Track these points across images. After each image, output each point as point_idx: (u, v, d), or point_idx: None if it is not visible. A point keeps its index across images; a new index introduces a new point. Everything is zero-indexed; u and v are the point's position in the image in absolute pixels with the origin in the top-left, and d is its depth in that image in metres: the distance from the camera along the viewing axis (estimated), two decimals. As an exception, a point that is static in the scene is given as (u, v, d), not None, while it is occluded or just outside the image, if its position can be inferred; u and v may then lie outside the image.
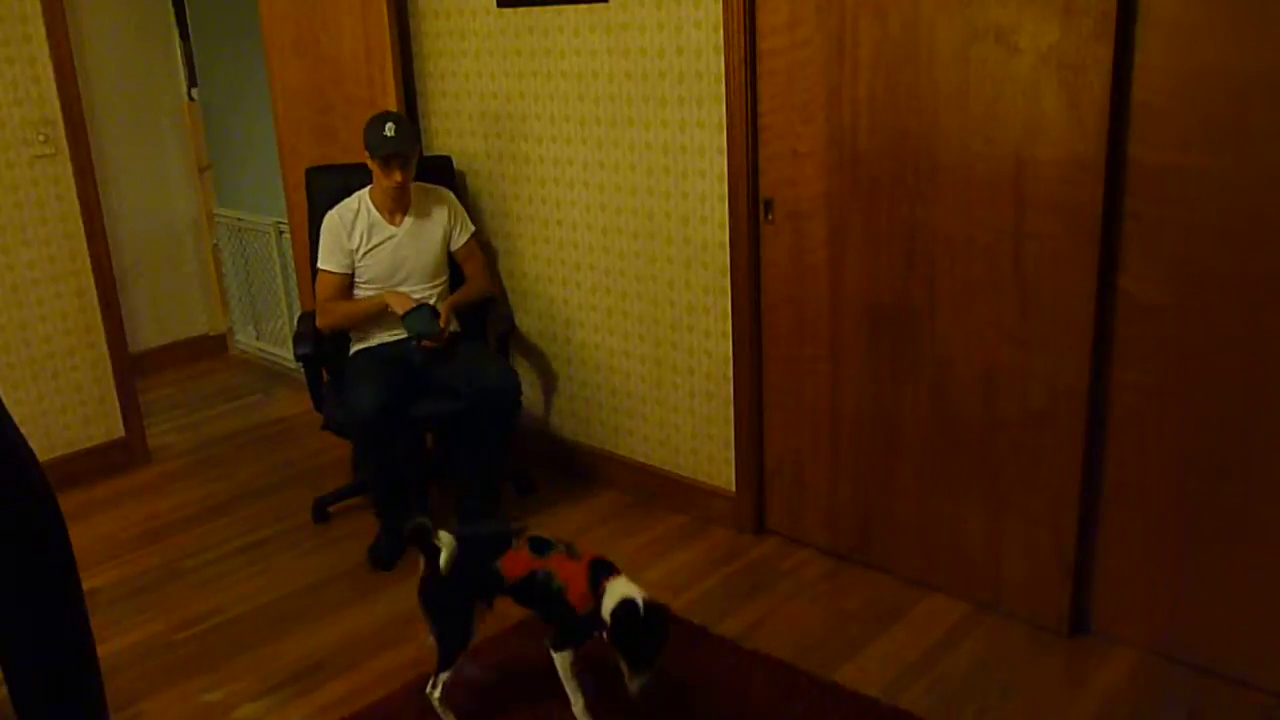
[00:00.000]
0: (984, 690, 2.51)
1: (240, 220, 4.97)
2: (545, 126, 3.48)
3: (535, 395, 3.82)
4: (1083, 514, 2.62)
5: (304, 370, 3.37)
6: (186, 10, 4.93)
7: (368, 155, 3.22)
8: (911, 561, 2.96)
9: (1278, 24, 2.14)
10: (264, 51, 4.02)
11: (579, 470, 3.74)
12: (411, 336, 3.22)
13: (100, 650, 2.20)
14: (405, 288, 3.33)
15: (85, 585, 2.16)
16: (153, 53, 4.92)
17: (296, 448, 4.14)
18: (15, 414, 2.09)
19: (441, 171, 3.64)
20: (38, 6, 3.56)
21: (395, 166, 3.20)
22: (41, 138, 3.64)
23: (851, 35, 2.70)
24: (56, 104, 3.65)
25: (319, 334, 3.38)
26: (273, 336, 5.02)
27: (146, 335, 5.03)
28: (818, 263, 2.93)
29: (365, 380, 3.13)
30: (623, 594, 2.19)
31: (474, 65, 3.63)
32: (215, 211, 5.13)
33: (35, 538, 2.02)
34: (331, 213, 3.33)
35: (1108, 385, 2.53)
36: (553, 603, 2.29)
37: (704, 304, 3.20)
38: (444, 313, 3.29)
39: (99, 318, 3.86)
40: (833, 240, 2.89)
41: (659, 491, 3.50)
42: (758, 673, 2.58)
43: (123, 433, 4.00)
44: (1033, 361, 2.59)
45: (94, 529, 3.53)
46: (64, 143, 3.69)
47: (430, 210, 3.39)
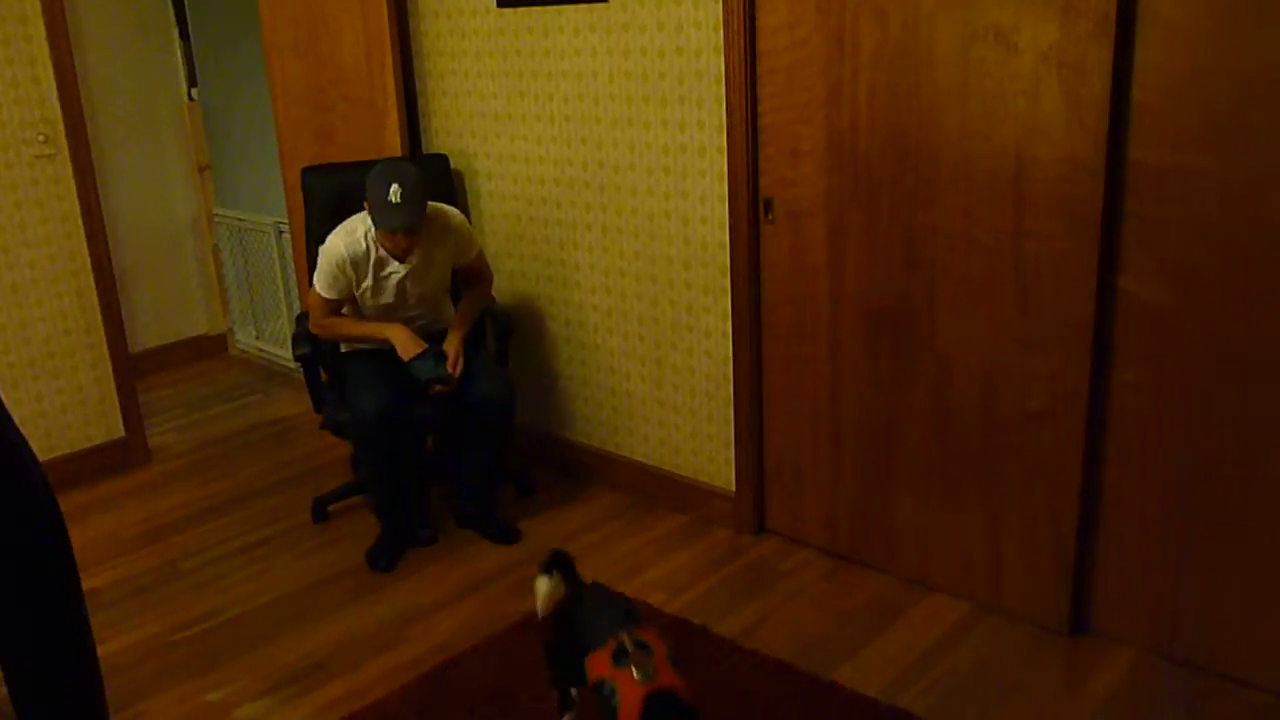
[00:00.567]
0: (984, 690, 2.51)
1: (240, 220, 4.97)
2: (545, 126, 3.48)
3: (535, 396, 3.82)
4: (1083, 514, 2.62)
5: (303, 370, 3.37)
6: (186, 10, 4.93)
7: (369, 214, 3.01)
8: (911, 561, 2.96)
9: (1278, 24, 2.14)
10: (264, 51, 4.03)
11: (579, 471, 3.74)
12: (420, 382, 3.13)
13: (100, 650, 2.20)
14: (403, 311, 3.22)
15: (85, 585, 2.16)
16: (153, 53, 4.92)
17: (296, 448, 4.14)
18: (15, 414, 2.09)
19: (439, 171, 3.64)
20: (38, 6, 3.56)
21: (402, 238, 3.02)
22: (41, 138, 3.64)
23: (851, 35, 2.70)
24: (56, 104, 3.65)
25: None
26: (273, 336, 5.02)
27: (146, 335, 5.03)
28: (818, 262, 2.93)
29: (366, 383, 3.11)
30: None
31: (474, 65, 3.63)
32: (215, 211, 5.13)
33: (35, 538, 2.02)
34: (338, 245, 3.09)
35: (1108, 385, 2.53)
36: (605, 715, 2.25)
37: (704, 304, 3.20)
38: (453, 354, 3.15)
39: (99, 318, 3.86)
40: (833, 240, 2.89)
41: (659, 492, 3.50)
42: (758, 673, 2.58)
43: (123, 433, 4.00)
44: (1033, 361, 2.59)
45: (94, 529, 3.53)
46: (64, 143, 3.69)
47: (439, 238, 3.19)
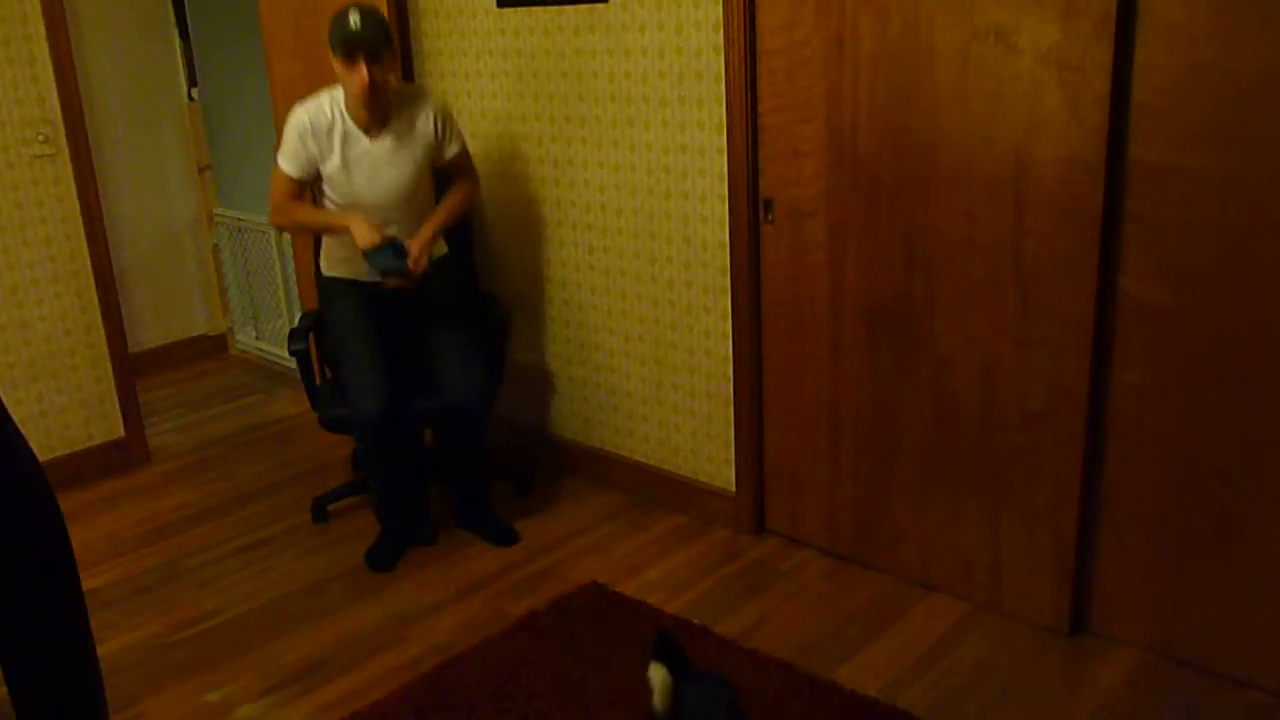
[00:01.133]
0: (984, 690, 2.51)
1: (240, 220, 4.97)
2: (545, 126, 3.48)
3: (534, 395, 3.82)
4: (1082, 514, 2.62)
5: (298, 366, 3.34)
6: (186, 10, 4.93)
7: (330, 54, 2.79)
8: (911, 561, 2.96)
9: (1278, 24, 2.14)
10: (264, 51, 4.03)
11: (578, 470, 3.74)
12: (377, 272, 3.03)
13: (100, 650, 2.20)
14: (381, 212, 3.01)
15: (85, 585, 2.16)
16: (153, 53, 4.92)
17: (296, 448, 4.14)
18: (15, 414, 2.09)
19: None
20: (38, 6, 3.56)
21: (361, 59, 2.75)
22: (41, 138, 3.64)
23: (851, 35, 2.70)
24: (56, 104, 3.65)
25: (314, 331, 3.37)
26: (273, 337, 5.02)
27: (146, 335, 5.03)
28: (818, 262, 2.93)
29: (365, 381, 3.08)
30: None
31: (474, 65, 3.63)
32: (215, 211, 5.13)
33: (35, 538, 2.02)
34: (300, 112, 2.94)
35: (1108, 385, 2.53)
36: None
37: (704, 304, 3.20)
38: (415, 251, 2.97)
39: (99, 318, 3.86)
40: (833, 240, 2.89)
41: (659, 492, 3.50)
42: (758, 673, 2.58)
43: (123, 433, 4.00)
44: (1033, 361, 2.59)
45: (94, 529, 3.53)
46: (64, 143, 3.69)
47: (414, 120, 3.01)
